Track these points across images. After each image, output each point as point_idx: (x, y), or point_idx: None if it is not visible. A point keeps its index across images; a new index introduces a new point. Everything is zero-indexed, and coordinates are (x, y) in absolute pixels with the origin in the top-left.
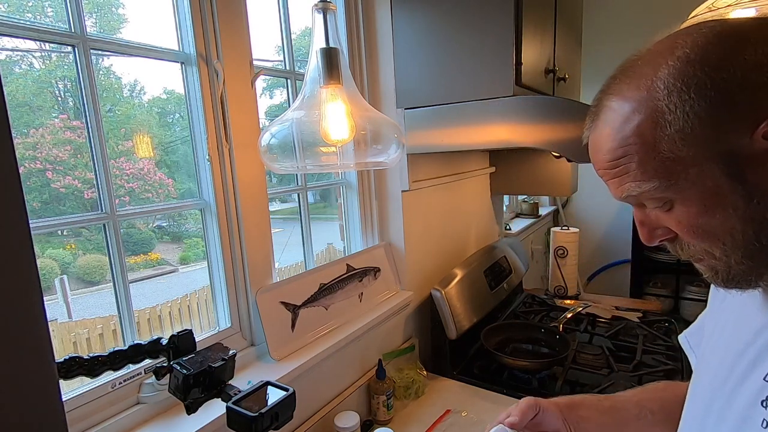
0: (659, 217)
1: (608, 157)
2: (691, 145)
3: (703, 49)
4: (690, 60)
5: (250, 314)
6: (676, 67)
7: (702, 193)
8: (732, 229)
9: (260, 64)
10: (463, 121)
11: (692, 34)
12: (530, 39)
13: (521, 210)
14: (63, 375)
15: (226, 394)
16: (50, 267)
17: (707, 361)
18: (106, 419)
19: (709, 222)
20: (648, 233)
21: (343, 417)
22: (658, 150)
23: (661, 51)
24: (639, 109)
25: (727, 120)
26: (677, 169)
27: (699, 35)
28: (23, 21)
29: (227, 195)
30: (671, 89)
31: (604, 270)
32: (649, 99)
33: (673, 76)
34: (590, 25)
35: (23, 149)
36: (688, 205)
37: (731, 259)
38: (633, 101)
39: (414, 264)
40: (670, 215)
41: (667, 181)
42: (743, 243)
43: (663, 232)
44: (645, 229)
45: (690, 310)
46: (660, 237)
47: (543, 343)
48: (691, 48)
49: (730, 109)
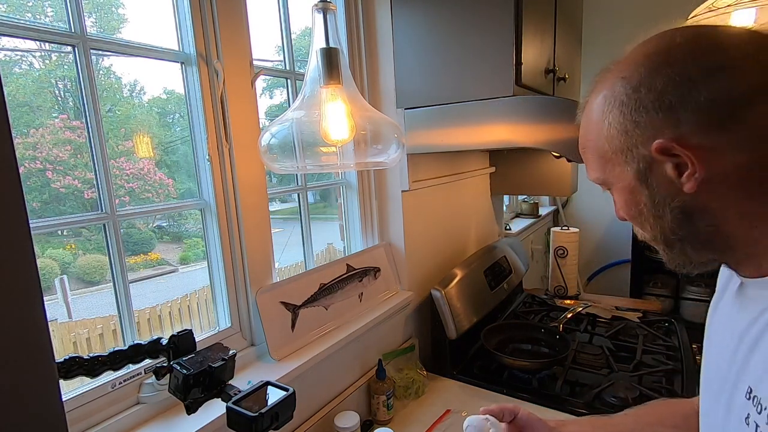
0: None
1: (581, 143)
2: (615, 149)
3: (631, 69)
4: (622, 78)
5: (250, 314)
6: (613, 83)
7: (622, 188)
8: (647, 221)
9: (260, 64)
10: (463, 121)
11: (634, 52)
12: (530, 39)
13: (521, 210)
14: (63, 375)
15: (226, 394)
16: (50, 267)
17: (705, 374)
18: (106, 419)
19: (630, 212)
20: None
21: (343, 417)
22: (597, 145)
23: (617, 65)
24: (591, 115)
25: (635, 134)
26: (608, 166)
27: (636, 53)
28: (23, 21)
29: (227, 195)
30: (606, 103)
31: (604, 270)
32: (596, 108)
33: (610, 92)
34: (590, 25)
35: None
36: (617, 196)
37: (660, 245)
38: (590, 107)
39: (414, 264)
40: (616, 196)
41: (603, 174)
42: (660, 233)
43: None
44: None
45: (690, 310)
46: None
47: (543, 343)
48: (624, 67)
49: (637, 125)
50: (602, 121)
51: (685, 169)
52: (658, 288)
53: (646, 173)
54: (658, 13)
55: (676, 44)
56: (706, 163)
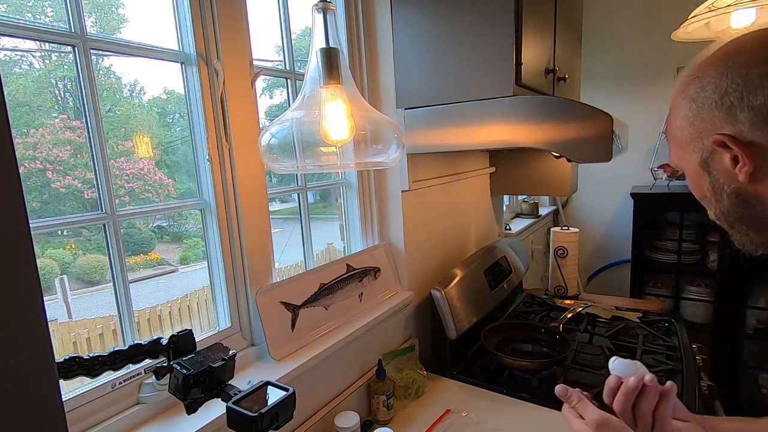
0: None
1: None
2: (685, 139)
3: (705, 69)
4: (697, 77)
5: (250, 314)
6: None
7: (691, 173)
8: (711, 203)
9: (260, 64)
10: (463, 121)
11: (713, 54)
12: (530, 39)
13: (521, 210)
14: (63, 375)
15: (226, 394)
16: (50, 267)
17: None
18: (106, 419)
19: (698, 194)
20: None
21: (343, 417)
22: (675, 136)
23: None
24: (672, 107)
25: (700, 127)
26: (680, 152)
27: (713, 55)
28: (23, 21)
29: (227, 195)
30: (682, 98)
31: (604, 270)
32: (675, 102)
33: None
34: (590, 25)
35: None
36: (689, 179)
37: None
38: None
39: (414, 264)
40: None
41: (677, 159)
42: (722, 214)
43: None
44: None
45: (690, 311)
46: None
47: (543, 343)
48: (700, 67)
49: (702, 120)
50: (678, 113)
51: (738, 161)
52: (658, 288)
53: (708, 161)
54: (658, 13)
55: (746, 50)
56: (755, 158)
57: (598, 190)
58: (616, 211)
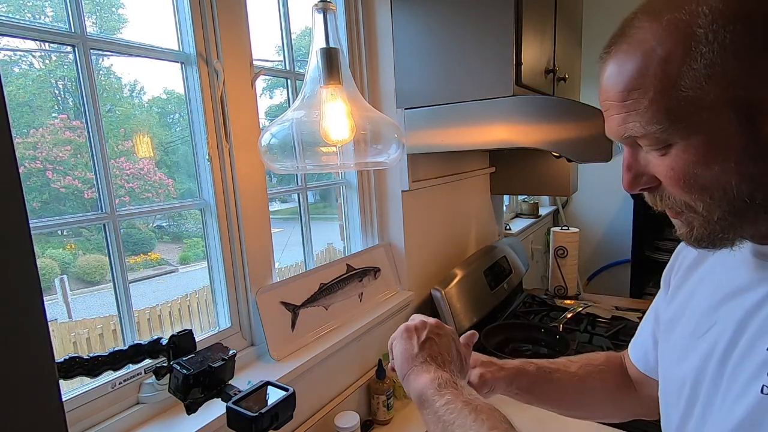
0: (650, 162)
1: (620, 86)
2: (715, 84)
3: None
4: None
5: (250, 314)
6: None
7: (708, 141)
8: (726, 184)
9: (260, 64)
10: (463, 121)
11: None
12: (530, 39)
13: (521, 210)
14: (63, 375)
15: (226, 394)
16: (50, 267)
17: (682, 323)
18: (106, 419)
19: (703, 173)
20: (632, 178)
21: (343, 417)
22: (678, 85)
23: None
24: (673, 34)
25: (765, 65)
26: (689, 110)
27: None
28: (23, 21)
29: (227, 195)
30: (716, 15)
31: (604, 270)
32: (688, 24)
33: (723, 1)
34: (590, 25)
35: (23, 149)
36: (688, 152)
37: (713, 216)
38: (669, 25)
39: (414, 264)
40: (663, 160)
41: (674, 123)
42: (733, 199)
43: (648, 179)
44: (630, 174)
45: None
46: (643, 185)
47: (543, 343)
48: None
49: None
50: (698, 44)
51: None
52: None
53: (762, 118)
54: None
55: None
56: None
57: (598, 190)
58: (616, 211)
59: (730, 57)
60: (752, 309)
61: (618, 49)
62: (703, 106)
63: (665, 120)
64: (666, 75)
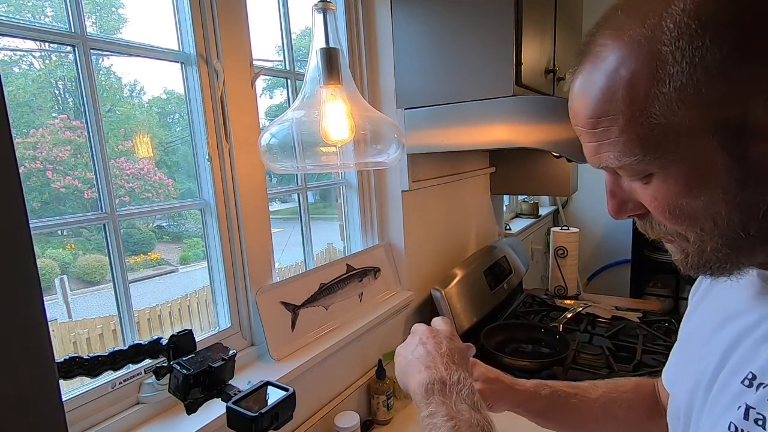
0: (633, 189)
1: (588, 111)
2: (690, 108)
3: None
4: (681, 10)
5: (250, 314)
6: (695, 1)
7: (690, 169)
8: (716, 214)
9: (260, 64)
10: (463, 121)
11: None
12: (530, 39)
13: (521, 210)
14: (63, 375)
15: (226, 394)
16: (50, 267)
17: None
18: (106, 419)
19: (690, 204)
20: (618, 206)
21: (343, 417)
22: (648, 112)
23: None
24: (636, 53)
25: (744, 79)
26: (666, 138)
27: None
28: (23, 21)
29: (227, 195)
30: (682, 30)
31: (604, 270)
32: (651, 41)
33: (688, 13)
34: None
35: (23, 149)
36: (670, 183)
37: (707, 246)
38: (631, 42)
39: (414, 264)
40: (646, 189)
41: (651, 152)
42: (726, 231)
43: (634, 206)
44: (615, 201)
45: None
46: (630, 212)
47: (543, 343)
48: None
49: (756, 65)
50: (664, 64)
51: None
52: (658, 288)
53: (747, 141)
54: None
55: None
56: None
57: (598, 190)
58: None
59: (703, 76)
60: (741, 334)
61: (582, 69)
62: (680, 132)
63: (639, 151)
64: (634, 101)
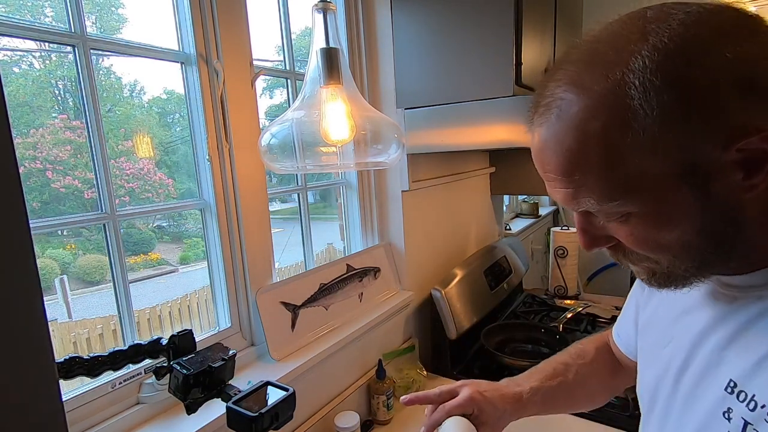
0: (607, 226)
1: (562, 164)
2: (661, 155)
3: (683, 40)
4: (669, 53)
5: (250, 314)
6: (653, 59)
7: (665, 207)
8: (687, 243)
9: (260, 64)
10: (463, 121)
11: (666, 20)
12: (530, 39)
13: (521, 210)
14: (63, 375)
15: (226, 394)
16: (50, 267)
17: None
18: (106, 419)
19: (665, 236)
20: (591, 241)
21: (343, 417)
22: (624, 162)
23: (628, 35)
24: (606, 107)
25: (704, 129)
26: (643, 182)
27: (675, 22)
28: (23, 21)
29: (227, 195)
30: (648, 87)
31: (604, 270)
32: (618, 95)
33: (651, 71)
34: (590, 25)
35: (23, 149)
36: (647, 220)
37: (678, 268)
38: (598, 96)
39: (414, 264)
40: (623, 226)
41: (628, 198)
42: (696, 255)
43: (607, 239)
44: (587, 237)
45: None
46: (603, 244)
47: (543, 343)
48: (669, 38)
49: (710, 115)
50: (635, 117)
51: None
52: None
53: (709, 180)
54: None
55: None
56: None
57: None
58: None
59: (669, 126)
60: (702, 332)
61: (545, 121)
62: (655, 178)
63: (619, 196)
64: (609, 153)
